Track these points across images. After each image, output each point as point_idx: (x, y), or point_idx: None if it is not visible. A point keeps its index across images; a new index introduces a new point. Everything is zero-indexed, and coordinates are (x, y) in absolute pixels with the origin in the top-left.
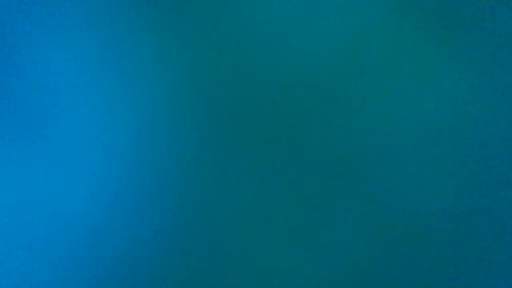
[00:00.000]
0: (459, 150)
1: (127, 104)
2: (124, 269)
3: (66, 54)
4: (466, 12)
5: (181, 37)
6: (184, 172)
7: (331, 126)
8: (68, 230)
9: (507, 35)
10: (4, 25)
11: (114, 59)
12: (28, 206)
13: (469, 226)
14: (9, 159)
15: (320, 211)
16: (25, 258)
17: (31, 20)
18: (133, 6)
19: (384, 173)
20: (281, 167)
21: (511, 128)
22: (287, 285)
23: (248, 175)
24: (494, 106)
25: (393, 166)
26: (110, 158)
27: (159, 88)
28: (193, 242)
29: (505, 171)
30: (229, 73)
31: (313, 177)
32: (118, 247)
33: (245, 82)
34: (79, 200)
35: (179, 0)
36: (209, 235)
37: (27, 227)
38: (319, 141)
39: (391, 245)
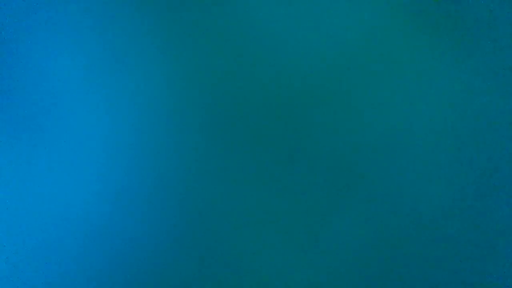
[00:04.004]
0: (460, 151)
1: (129, 104)
2: (125, 269)
3: (67, 55)
4: (466, 12)
5: (182, 37)
6: (185, 173)
7: (332, 127)
8: (69, 230)
9: (507, 35)
10: (5, 25)
11: (115, 59)
12: (30, 207)
13: (469, 226)
14: (10, 160)
15: (321, 212)
16: (26, 258)
17: (32, 20)
18: (134, 6)
19: (385, 174)
20: (282, 168)
21: (511, 128)
22: (288, 286)
23: (249, 176)
24: (495, 106)
25: (394, 167)
26: (111, 159)
27: (160, 89)
28: (194, 243)
29: (505, 171)
30: (230, 74)
31: (314, 178)
32: (119, 247)
33: (246, 82)
34: (80, 200)
35: (180, 0)
36: (210, 236)
37: (28, 227)
38: (320, 142)
39: (392, 246)
